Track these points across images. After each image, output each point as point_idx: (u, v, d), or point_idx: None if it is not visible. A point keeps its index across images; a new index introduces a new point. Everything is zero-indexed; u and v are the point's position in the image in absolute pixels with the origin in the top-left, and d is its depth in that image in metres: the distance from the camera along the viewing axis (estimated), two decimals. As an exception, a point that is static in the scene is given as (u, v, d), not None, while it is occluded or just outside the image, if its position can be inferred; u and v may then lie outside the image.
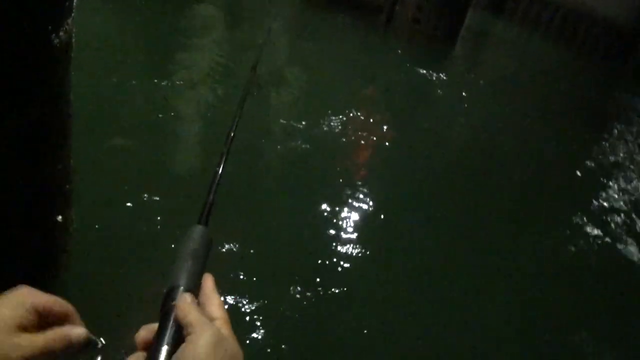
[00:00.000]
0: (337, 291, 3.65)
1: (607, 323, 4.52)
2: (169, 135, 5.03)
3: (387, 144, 6.44)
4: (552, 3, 21.96)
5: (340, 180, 5.12)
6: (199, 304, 0.75)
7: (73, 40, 2.10)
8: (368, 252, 4.17)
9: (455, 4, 11.64)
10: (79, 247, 2.49)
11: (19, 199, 1.69)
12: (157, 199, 3.84)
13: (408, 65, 10.37)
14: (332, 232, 4.27)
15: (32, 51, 1.71)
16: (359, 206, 4.74)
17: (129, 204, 3.67)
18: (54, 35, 1.85)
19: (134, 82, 5.69)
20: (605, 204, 6.78)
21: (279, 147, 5.44)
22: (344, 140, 6.00)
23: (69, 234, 2.09)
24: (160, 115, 5.22)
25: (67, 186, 2.01)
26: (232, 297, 3.25)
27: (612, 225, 6.17)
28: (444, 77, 10.46)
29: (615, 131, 11.14)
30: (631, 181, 7.90)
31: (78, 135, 2.21)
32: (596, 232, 5.83)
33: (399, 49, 11.41)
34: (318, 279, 3.69)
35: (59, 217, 1.96)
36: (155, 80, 5.93)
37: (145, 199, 3.79)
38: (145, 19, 7.98)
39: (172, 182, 4.17)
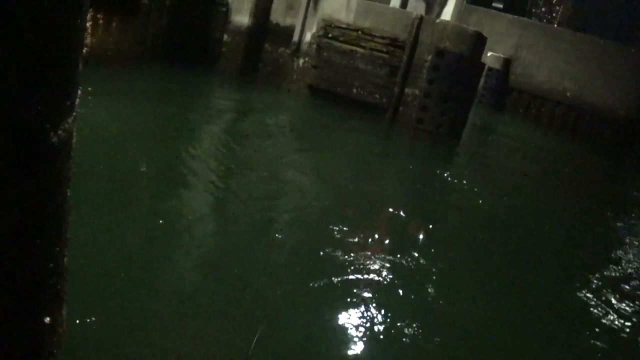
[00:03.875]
0: None
1: None
2: (171, 244, 4.98)
3: (407, 238, 6.37)
4: (551, 100, 22.60)
5: (368, 276, 5.01)
6: None
7: (74, 139, 2.11)
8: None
9: (457, 102, 11.93)
10: (70, 351, 2.37)
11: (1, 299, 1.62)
12: (156, 300, 3.74)
13: (415, 162, 10.52)
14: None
15: (28, 148, 1.70)
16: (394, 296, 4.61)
17: (125, 306, 3.56)
18: (52, 133, 1.85)
19: (137, 185, 5.75)
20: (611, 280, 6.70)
21: (298, 247, 5.38)
22: (364, 240, 5.90)
23: (58, 336, 1.99)
24: (162, 216, 5.21)
25: (59, 286, 1.94)
26: None
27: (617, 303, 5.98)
28: (452, 172, 10.59)
29: (619, 209, 11.18)
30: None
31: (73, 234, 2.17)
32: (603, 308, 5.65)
33: (405, 147, 11.62)
34: None
35: (47, 319, 1.87)
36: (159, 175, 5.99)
37: (143, 300, 3.69)
38: (155, 117, 8.26)
39: (174, 291, 4.05)
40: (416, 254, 5.81)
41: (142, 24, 13.70)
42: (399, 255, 5.60)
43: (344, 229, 5.99)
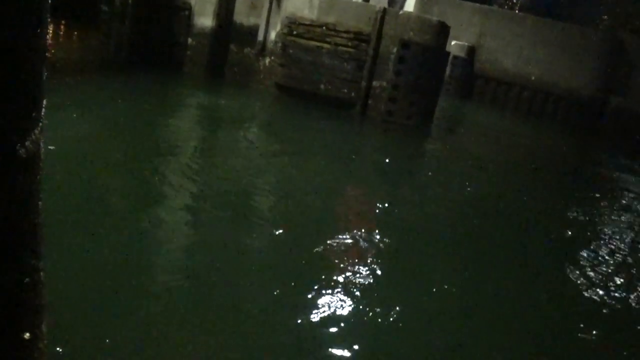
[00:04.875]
0: None
1: None
2: (151, 247, 4.92)
3: (386, 228, 6.40)
4: (517, 84, 22.95)
5: (339, 263, 5.01)
6: None
7: (42, 150, 2.07)
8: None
9: (425, 93, 12.05)
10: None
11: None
12: (137, 313, 3.70)
13: (387, 154, 10.59)
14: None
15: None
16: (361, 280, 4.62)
17: (108, 317, 3.52)
18: (19, 145, 1.82)
19: (111, 197, 5.68)
20: (587, 251, 6.90)
21: (272, 233, 5.38)
22: (342, 233, 5.90)
23: (39, 352, 1.96)
24: (139, 226, 5.16)
25: (37, 301, 1.91)
26: None
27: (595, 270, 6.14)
28: (424, 162, 10.71)
29: (595, 185, 11.48)
30: (609, 230, 8.18)
31: (52, 246, 2.14)
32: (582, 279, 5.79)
33: (376, 138, 11.69)
34: None
35: (27, 334, 1.85)
36: (134, 192, 5.93)
37: (126, 312, 3.65)
38: (124, 124, 8.19)
39: (157, 299, 4.01)
40: (397, 244, 5.85)
41: (104, 32, 13.53)
42: (380, 247, 5.64)
43: (322, 225, 6.01)
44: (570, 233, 7.79)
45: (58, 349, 2.96)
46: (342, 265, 5.04)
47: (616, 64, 21.98)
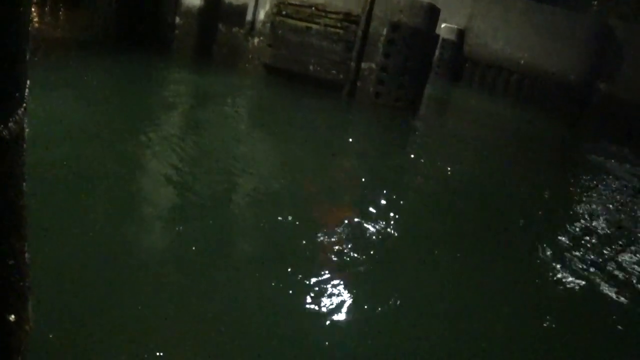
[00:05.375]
0: None
1: None
2: (139, 224, 4.90)
3: (373, 213, 6.41)
4: (506, 68, 22.96)
5: (321, 251, 5.02)
6: None
7: (25, 131, 2.04)
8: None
9: (414, 75, 12.02)
10: (38, 348, 2.33)
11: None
12: (127, 293, 3.69)
13: (375, 137, 10.59)
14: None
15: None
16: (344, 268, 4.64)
17: (95, 298, 3.50)
18: (2, 126, 1.78)
19: (98, 173, 5.65)
20: (568, 236, 6.98)
21: (259, 222, 5.37)
22: (330, 219, 5.90)
23: (24, 334, 1.95)
24: (127, 206, 5.14)
25: (22, 283, 1.89)
26: None
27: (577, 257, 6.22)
28: (412, 144, 10.72)
29: (578, 172, 11.58)
30: (595, 215, 8.30)
31: (36, 228, 2.11)
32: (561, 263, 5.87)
33: (363, 120, 11.68)
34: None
35: (12, 317, 1.83)
36: (121, 168, 5.90)
37: (113, 293, 3.63)
38: (110, 103, 8.14)
39: (145, 276, 4.00)
40: (384, 229, 5.86)
41: (90, 10, 13.32)
42: (367, 232, 5.65)
43: (309, 210, 6.01)
44: (556, 218, 7.86)
45: (43, 334, 2.95)
46: (325, 253, 5.05)
47: (605, 49, 22.04)
